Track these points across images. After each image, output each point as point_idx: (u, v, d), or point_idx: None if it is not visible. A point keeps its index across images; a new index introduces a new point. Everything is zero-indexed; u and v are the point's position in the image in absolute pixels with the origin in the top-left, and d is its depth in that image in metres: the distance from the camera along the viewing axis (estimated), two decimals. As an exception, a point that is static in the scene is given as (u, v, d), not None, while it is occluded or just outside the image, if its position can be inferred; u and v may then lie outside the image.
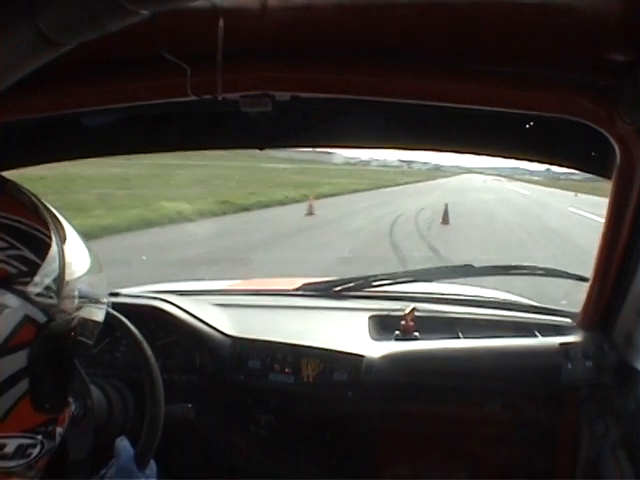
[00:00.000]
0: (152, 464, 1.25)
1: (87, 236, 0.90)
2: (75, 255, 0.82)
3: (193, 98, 1.19)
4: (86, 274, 0.83)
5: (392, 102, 1.32)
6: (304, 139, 1.58)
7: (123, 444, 1.21)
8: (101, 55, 1.14)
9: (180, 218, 11.32)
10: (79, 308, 0.81)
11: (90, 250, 0.88)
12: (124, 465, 1.17)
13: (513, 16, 1.03)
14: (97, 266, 0.88)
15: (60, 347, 0.77)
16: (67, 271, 0.78)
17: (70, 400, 0.85)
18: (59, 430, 0.83)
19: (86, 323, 0.84)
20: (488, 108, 1.31)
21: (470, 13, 1.03)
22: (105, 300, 0.91)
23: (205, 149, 1.66)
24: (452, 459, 1.82)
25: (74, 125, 1.48)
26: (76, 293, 0.80)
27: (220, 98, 1.18)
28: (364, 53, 1.17)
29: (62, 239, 0.80)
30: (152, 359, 1.32)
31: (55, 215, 0.83)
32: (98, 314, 0.89)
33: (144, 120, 1.48)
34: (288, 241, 10.49)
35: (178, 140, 1.58)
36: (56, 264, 0.76)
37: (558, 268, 1.97)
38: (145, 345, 1.32)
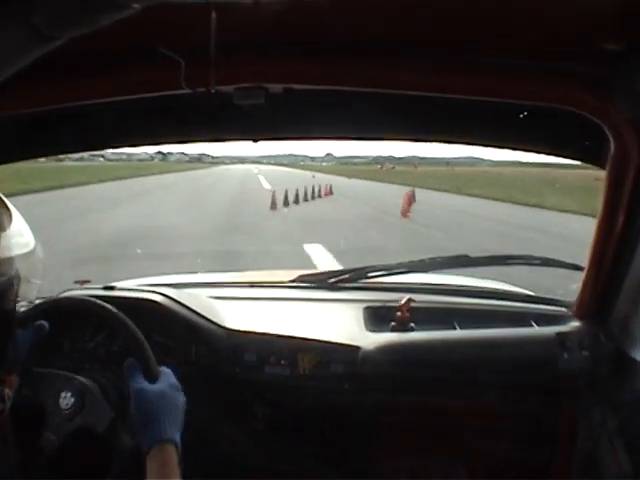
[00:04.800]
0: (163, 369, 1.27)
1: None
2: (11, 236, 0.92)
3: (187, 91, 1.19)
4: (21, 255, 0.93)
5: (386, 94, 1.31)
6: (297, 131, 1.57)
7: (129, 362, 1.24)
8: (95, 49, 1.13)
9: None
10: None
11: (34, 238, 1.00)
12: (137, 386, 1.20)
13: (508, 7, 1.02)
14: (36, 251, 1.00)
15: None
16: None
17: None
18: (7, 392, 0.95)
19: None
20: (482, 99, 1.30)
21: (465, 4, 1.02)
22: (37, 281, 1.03)
23: (200, 141, 1.66)
24: (450, 451, 1.82)
25: (70, 118, 1.47)
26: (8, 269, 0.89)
27: (213, 91, 1.18)
28: (357, 45, 1.16)
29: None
30: (149, 352, 1.32)
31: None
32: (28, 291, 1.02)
33: (140, 113, 1.48)
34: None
35: (174, 132, 1.57)
36: None
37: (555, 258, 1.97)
38: (141, 338, 1.32)
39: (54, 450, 1.24)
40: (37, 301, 1.70)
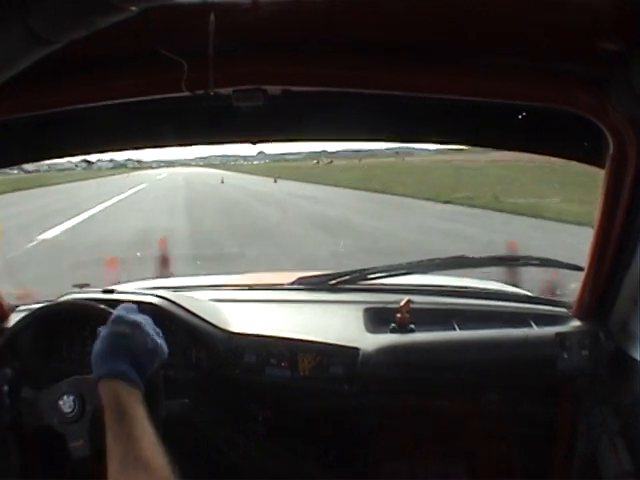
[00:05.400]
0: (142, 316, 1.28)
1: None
2: None
3: (186, 93, 1.19)
4: None
5: (384, 95, 1.32)
6: (297, 133, 1.57)
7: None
8: (94, 52, 1.13)
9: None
10: None
11: None
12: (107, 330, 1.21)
13: (505, 7, 1.03)
14: None
15: None
16: None
17: None
18: None
19: None
20: (480, 99, 1.31)
21: (460, 5, 1.02)
22: None
23: (200, 144, 1.66)
24: (450, 452, 1.82)
25: (70, 121, 1.47)
26: None
27: (212, 93, 1.18)
28: (355, 46, 1.16)
29: None
30: (159, 388, 1.32)
31: None
32: None
33: (139, 115, 1.48)
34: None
35: (173, 135, 1.57)
36: None
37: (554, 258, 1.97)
38: (160, 391, 1.33)
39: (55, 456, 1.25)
40: (37, 305, 1.71)
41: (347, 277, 2.05)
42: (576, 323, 1.68)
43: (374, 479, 1.83)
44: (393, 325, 1.77)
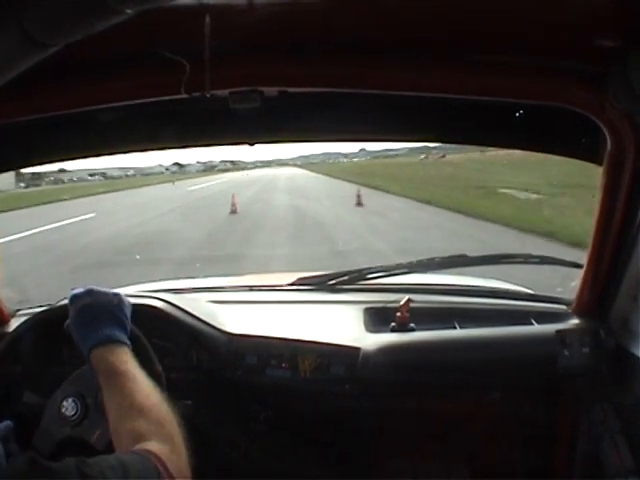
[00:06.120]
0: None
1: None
2: None
3: (183, 95, 1.19)
4: None
5: (381, 94, 1.31)
6: (294, 134, 1.57)
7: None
8: (91, 55, 1.13)
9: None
10: None
11: None
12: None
13: (503, 4, 1.03)
14: None
15: None
16: None
17: None
18: None
19: None
20: (478, 97, 1.31)
21: (458, 4, 1.02)
22: None
23: (197, 146, 1.66)
24: (452, 451, 1.82)
25: (67, 125, 1.47)
26: None
27: (208, 95, 1.18)
28: (352, 47, 1.16)
29: None
30: (152, 354, 1.33)
31: None
32: None
33: (136, 118, 1.48)
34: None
35: (170, 137, 1.57)
36: None
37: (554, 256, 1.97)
38: (146, 343, 1.33)
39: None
40: (37, 310, 1.71)
41: (346, 277, 2.05)
42: (576, 320, 1.69)
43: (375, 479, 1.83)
44: (393, 325, 1.77)
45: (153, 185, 32.80)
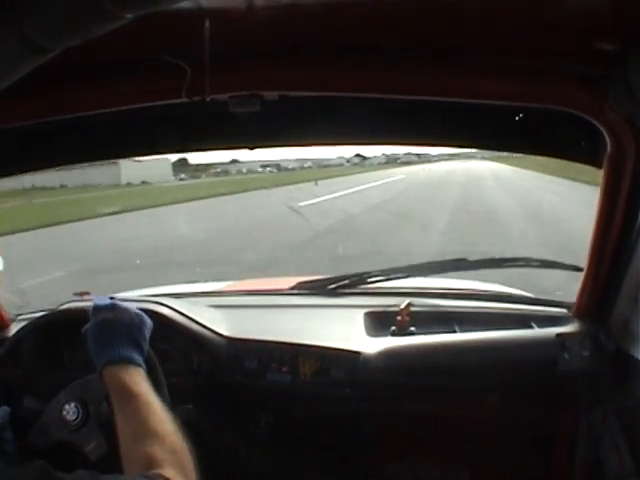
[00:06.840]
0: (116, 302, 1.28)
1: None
2: None
3: (183, 100, 1.19)
4: None
5: (382, 98, 1.32)
6: (294, 138, 1.58)
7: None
8: (91, 60, 1.13)
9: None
10: None
11: None
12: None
13: (502, 7, 1.03)
14: None
15: None
16: None
17: None
18: None
19: None
20: (478, 101, 1.31)
21: (457, 5, 1.03)
22: None
23: (197, 150, 1.66)
24: (452, 454, 1.82)
25: (71, 130, 1.47)
26: None
27: (209, 99, 1.18)
28: (351, 50, 1.16)
29: None
30: (163, 382, 1.32)
31: None
32: None
33: (136, 123, 1.48)
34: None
35: (173, 142, 1.57)
36: None
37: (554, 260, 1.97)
38: (159, 370, 1.33)
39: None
40: (38, 314, 1.71)
41: (347, 281, 2.05)
42: (577, 324, 1.68)
43: None
44: (393, 328, 1.77)
45: (285, 186, 25.11)
